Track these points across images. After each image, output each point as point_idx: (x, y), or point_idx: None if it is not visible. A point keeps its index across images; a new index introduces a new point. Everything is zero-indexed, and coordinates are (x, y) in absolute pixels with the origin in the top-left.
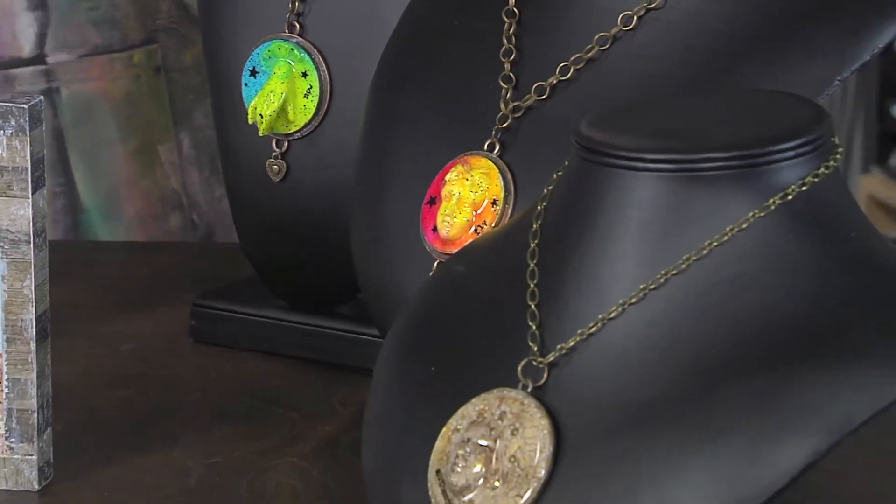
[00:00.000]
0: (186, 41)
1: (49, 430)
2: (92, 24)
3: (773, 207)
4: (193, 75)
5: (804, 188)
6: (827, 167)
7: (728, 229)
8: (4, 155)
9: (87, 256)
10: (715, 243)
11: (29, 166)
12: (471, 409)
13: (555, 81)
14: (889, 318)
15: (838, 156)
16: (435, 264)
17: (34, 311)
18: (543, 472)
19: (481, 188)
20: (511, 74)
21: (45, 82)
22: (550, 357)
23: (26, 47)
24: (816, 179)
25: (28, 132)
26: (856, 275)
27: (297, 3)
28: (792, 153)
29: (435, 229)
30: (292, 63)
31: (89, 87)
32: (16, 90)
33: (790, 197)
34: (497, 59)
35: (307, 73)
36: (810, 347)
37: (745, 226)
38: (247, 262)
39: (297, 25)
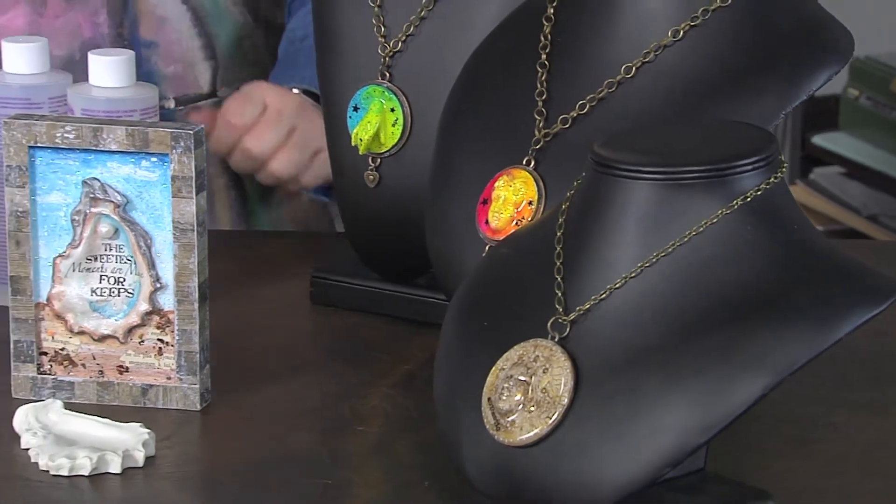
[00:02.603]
0: None
1: (207, 366)
2: (242, 66)
3: (736, 207)
4: None
5: (759, 192)
6: (776, 177)
7: (703, 222)
8: (176, 167)
9: (239, 241)
10: (693, 232)
11: (193, 175)
12: (513, 353)
13: (575, 115)
14: (821, 287)
15: (784, 169)
16: (486, 248)
17: (197, 280)
18: (567, 399)
19: (521, 192)
20: (543, 109)
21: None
22: (572, 316)
23: (205, 87)
24: (768, 186)
25: (193, 151)
26: (797, 256)
27: (386, 58)
28: (750, 167)
29: (487, 222)
30: (383, 101)
31: None
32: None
33: (749, 199)
34: (532, 98)
35: (394, 108)
36: (762, 309)
37: (715, 220)
38: (350, 245)
39: (387, 74)
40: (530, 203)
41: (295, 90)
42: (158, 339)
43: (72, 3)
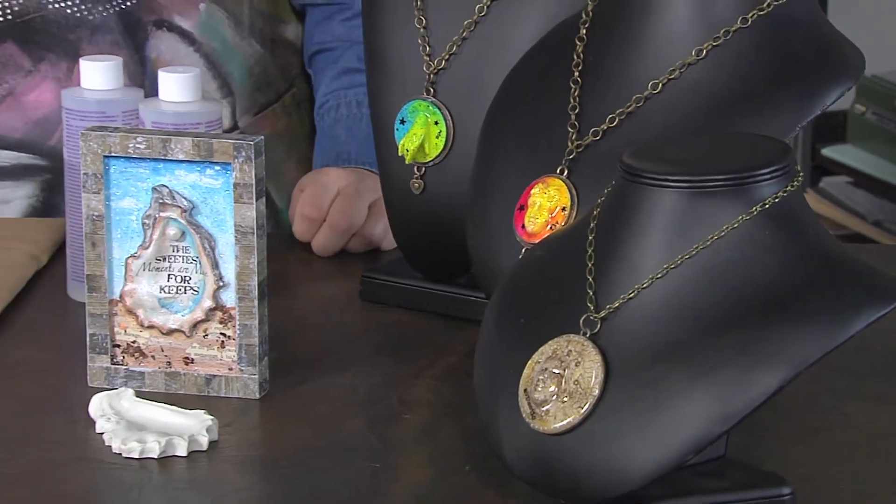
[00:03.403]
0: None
1: (266, 358)
2: (256, 91)
3: (755, 213)
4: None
5: (777, 200)
6: (792, 185)
7: (724, 227)
8: (238, 175)
9: (295, 243)
10: (715, 237)
11: (254, 183)
12: (548, 348)
13: (605, 127)
14: (834, 288)
15: (800, 178)
16: (523, 250)
17: (256, 279)
18: (597, 391)
19: (555, 199)
20: (575, 122)
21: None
22: (602, 313)
23: (226, 122)
24: (785, 194)
25: (253, 160)
26: (811, 259)
27: (431, 76)
28: (768, 176)
29: (523, 226)
30: (428, 115)
31: (265, 130)
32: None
33: (767, 206)
34: (566, 112)
35: (438, 121)
36: (779, 308)
37: (735, 225)
38: (397, 247)
39: (432, 90)
40: (563, 209)
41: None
42: (221, 333)
43: None
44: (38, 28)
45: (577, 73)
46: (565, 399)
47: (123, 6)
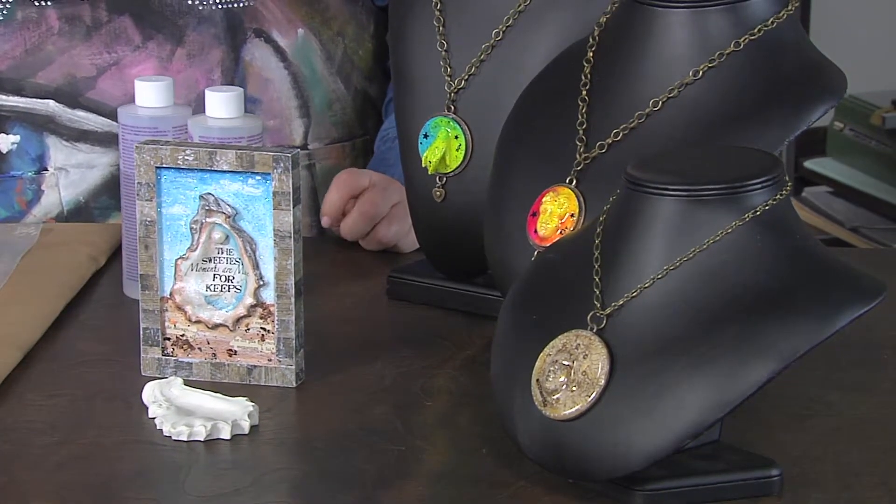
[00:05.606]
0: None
1: (302, 350)
2: (332, 125)
3: (748, 219)
4: None
5: (767, 207)
6: (781, 194)
7: (719, 232)
8: (276, 184)
9: (329, 246)
10: (711, 241)
11: (291, 192)
12: (558, 342)
13: (611, 141)
14: (820, 287)
15: (789, 187)
16: (535, 253)
17: (293, 279)
18: (603, 381)
19: (564, 206)
20: (583, 137)
21: (308, 160)
22: (608, 310)
23: (297, 140)
24: (775, 202)
25: (290, 171)
26: (798, 261)
27: (452, 94)
28: (759, 185)
29: (536, 231)
30: (449, 130)
31: (330, 163)
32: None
33: (759, 213)
34: (574, 127)
35: (458, 136)
36: (770, 306)
37: (730, 230)
38: (419, 249)
39: (452, 107)
40: (572, 215)
41: None
42: (261, 328)
43: (192, 61)
44: (154, 9)
45: (584, 92)
46: (574, 388)
47: (230, 6)
